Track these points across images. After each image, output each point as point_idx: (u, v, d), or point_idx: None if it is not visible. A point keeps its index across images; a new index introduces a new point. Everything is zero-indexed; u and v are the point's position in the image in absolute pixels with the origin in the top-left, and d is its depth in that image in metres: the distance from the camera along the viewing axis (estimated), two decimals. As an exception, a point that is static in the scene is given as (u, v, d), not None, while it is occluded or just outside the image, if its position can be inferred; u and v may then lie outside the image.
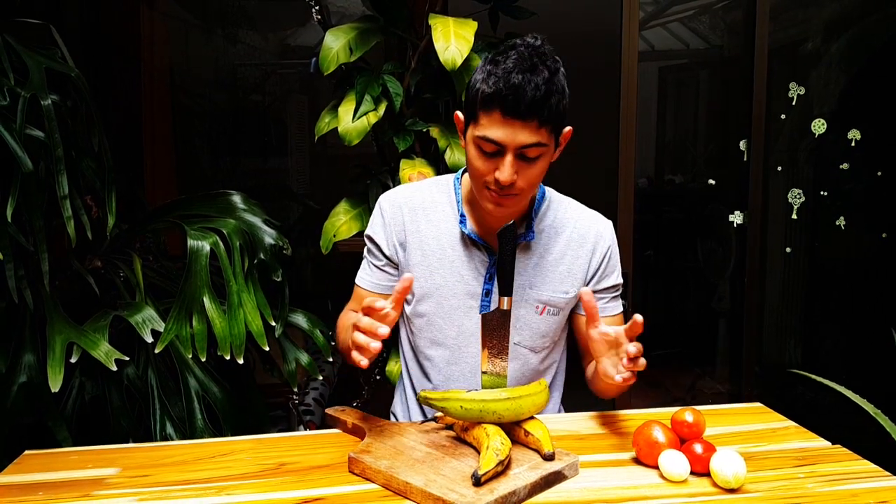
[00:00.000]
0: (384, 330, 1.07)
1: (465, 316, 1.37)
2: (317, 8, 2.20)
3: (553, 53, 1.22)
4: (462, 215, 1.37)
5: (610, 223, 1.44)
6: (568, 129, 1.30)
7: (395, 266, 1.42)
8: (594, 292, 1.38)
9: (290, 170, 3.32)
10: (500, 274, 1.16)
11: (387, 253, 1.40)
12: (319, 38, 1.99)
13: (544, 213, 1.39)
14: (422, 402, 1.14)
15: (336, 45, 1.94)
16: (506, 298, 1.16)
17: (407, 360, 1.49)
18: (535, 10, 2.16)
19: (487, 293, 1.35)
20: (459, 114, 1.31)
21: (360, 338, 1.09)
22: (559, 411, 1.50)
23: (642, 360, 1.12)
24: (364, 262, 1.46)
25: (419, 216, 1.39)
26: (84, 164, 1.76)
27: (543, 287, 1.36)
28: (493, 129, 1.19)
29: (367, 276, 1.44)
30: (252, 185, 3.18)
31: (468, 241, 1.36)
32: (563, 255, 1.37)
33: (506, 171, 1.20)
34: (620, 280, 1.44)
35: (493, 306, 1.34)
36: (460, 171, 1.43)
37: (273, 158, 3.28)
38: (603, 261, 1.40)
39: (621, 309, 1.45)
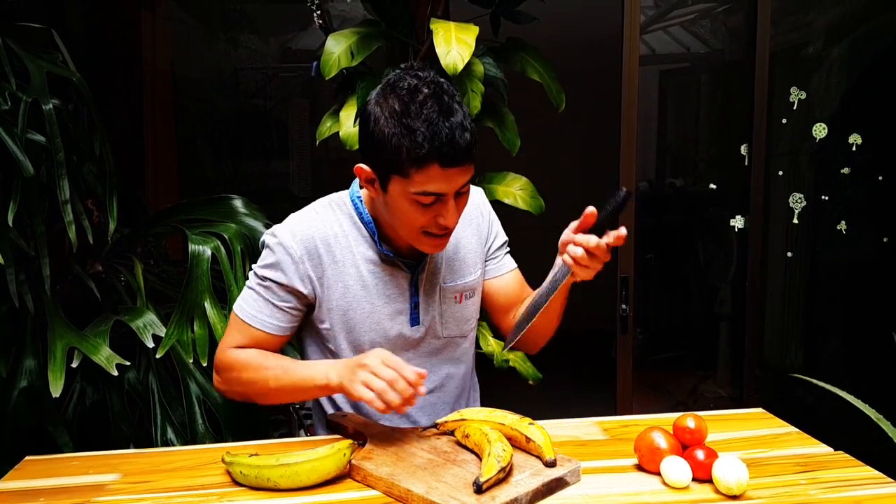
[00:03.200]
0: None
1: (397, 333, 1.34)
2: (318, 12, 2.20)
3: (446, 82, 1.19)
4: (376, 236, 1.30)
5: (480, 189, 1.46)
6: None
7: (306, 305, 1.31)
8: (492, 258, 1.43)
9: (291, 173, 3.33)
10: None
11: (304, 292, 1.28)
12: (321, 43, 1.99)
13: None
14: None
15: (337, 49, 1.94)
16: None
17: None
18: (537, 15, 2.16)
19: (416, 305, 1.34)
20: (364, 167, 1.21)
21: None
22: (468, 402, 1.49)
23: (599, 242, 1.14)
24: (256, 298, 1.29)
25: (333, 247, 1.29)
26: (85, 168, 1.76)
27: (454, 277, 1.37)
28: (432, 183, 1.15)
29: (268, 318, 1.28)
30: (254, 188, 3.18)
31: (389, 260, 1.31)
32: (458, 241, 1.37)
33: (451, 216, 1.19)
34: (505, 237, 1.46)
35: (423, 315, 1.34)
36: (356, 188, 1.34)
37: (275, 162, 3.28)
38: (490, 228, 1.43)
39: (514, 264, 1.47)
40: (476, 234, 1.40)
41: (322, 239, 1.29)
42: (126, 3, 2.70)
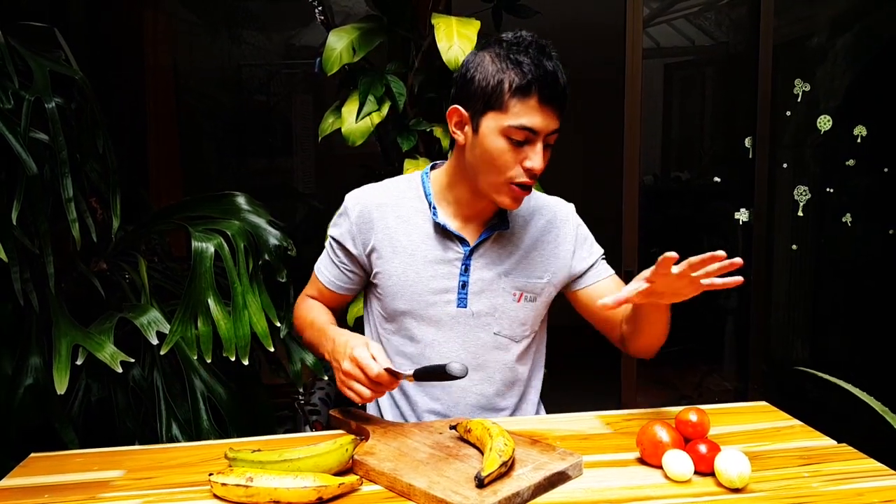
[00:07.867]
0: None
1: (441, 311, 1.34)
2: (320, 8, 2.20)
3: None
4: (434, 207, 1.34)
5: (572, 205, 1.45)
6: None
7: (360, 267, 1.39)
8: (586, 271, 1.39)
9: (294, 170, 3.33)
10: None
11: (354, 253, 1.37)
12: (323, 39, 1.98)
13: None
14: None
15: (339, 45, 1.94)
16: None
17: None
18: (539, 9, 2.15)
19: (464, 286, 1.33)
20: (458, 107, 1.26)
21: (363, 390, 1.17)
22: (538, 411, 1.47)
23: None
24: (325, 254, 1.44)
25: (387, 213, 1.35)
26: (89, 166, 1.77)
27: (519, 274, 1.35)
28: (528, 117, 1.18)
29: (326, 272, 1.43)
30: (257, 185, 3.19)
31: (442, 232, 1.33)
32: (536, 242, 1.37)
33: (538, 158, 1.21)
34: (600, 249, 1.43)
35: (471, 300, 1.33)
36: (428, 168, 1.41)
37: (278, 159, 3.29)
38: (577, 240, 1.40)
39: (612, 271, 1.44)
40: (553, 243, 1.38)
41: (378, 204, 1.36)
42: (128, 0, 2.70)
